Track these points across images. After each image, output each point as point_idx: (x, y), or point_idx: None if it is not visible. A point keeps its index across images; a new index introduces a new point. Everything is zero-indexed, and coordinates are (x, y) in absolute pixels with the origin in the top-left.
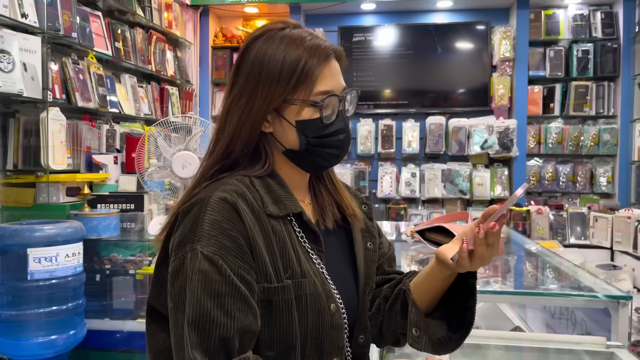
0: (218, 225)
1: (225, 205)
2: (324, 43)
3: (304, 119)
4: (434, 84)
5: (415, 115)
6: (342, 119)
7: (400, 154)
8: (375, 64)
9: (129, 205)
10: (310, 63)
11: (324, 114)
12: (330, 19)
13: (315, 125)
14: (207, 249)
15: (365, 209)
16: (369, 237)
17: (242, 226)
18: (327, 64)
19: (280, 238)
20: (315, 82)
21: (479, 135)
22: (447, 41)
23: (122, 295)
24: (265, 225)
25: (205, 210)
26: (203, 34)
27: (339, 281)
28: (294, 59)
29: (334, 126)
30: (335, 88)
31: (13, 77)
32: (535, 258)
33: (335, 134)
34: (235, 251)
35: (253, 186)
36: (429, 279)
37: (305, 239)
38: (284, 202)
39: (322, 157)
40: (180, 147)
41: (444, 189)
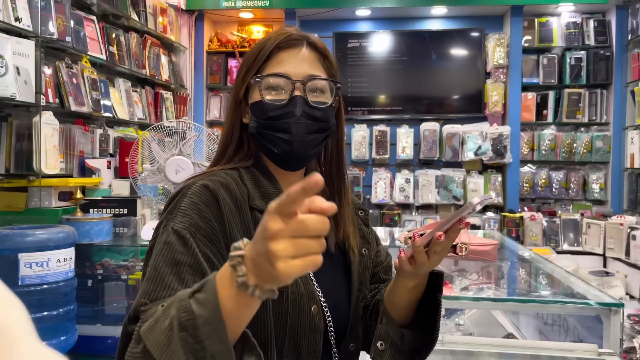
0: (195, 206)
1: (206, 191)
2: (292, 31)
3: (254, 101)
4: (429, 90)
5: (410, 121)
6: (298, 105)
7: (394, 160)
8: (370, 70)
9: (122, 210)
10: (267, 45)
11: (266, 97)
12: (325, 25)
13: (261, 106)
14: (178, 225)
15: (361, 214)
16: (365, 243)
17: (218, 213)
18: (289, 50)
19: None
20: (268, 63)
21: (472, 141)
22: (442, 48)
23: (114, 300)
24: (246, 217)
25: (185, 194)
26: (198, 39)
27: (327, 284)
28: (258, 45)
29: (284, 109)
30: (293, 73)
31: (6, 80)
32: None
33: (283, 116)
34: (206, 232)
35: (241, 180)
36: (393, 290)
37: None
38: (272, 197)
39: (272, 142)
40: (173, 152)
41: (438, 194)
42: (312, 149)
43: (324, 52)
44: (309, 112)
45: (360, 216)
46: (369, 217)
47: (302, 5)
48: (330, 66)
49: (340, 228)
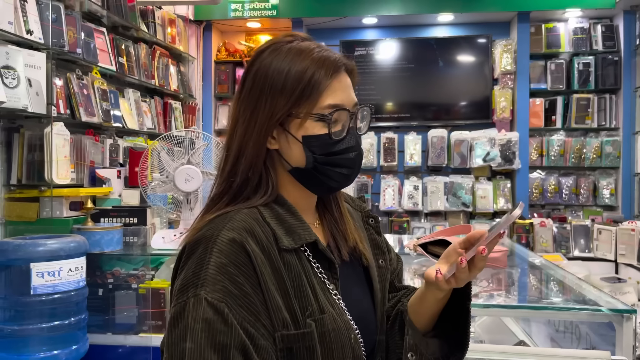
0: (224, 269)
1: (233, 246)
2: (333, 55)
3: (311, 134)
4: (436, 97)
5: (417, 128)
6: (353, 136)
7: (402, 167)
8: (377, 77)
9: (132, 219)
10: (317, 74)
11: (333, 129)
12: (332, 34)
13: (324, 141)
14: (211, 295)
15: (372, 222)
16: (380, 254)
17: (250, 271)
18: (336, 76)
19: (294, 273)
20: (322, 94)
21: (481, 148)
22: (449, 55)
23: (124, 309)
24: (277, 263)
25: (211, 251)
26: (206, 49)
27: (356, 308)
28: (300, 69)
29: (344, 143)
30: (346, 102)
31: (18, 92)
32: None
33: (346, 151)
34: (241, 300)
35: (263, 219)
36: (422, 300)
37: (320, 268)
38: (297, 231)
39: (330, 177)
40: (183, 161)
41: (447, 201)
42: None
43: (353, 71)
44: (359, 141)
45: (371, 224)
46: (379, 224)
47: (309, 14)
48: (355, 84)
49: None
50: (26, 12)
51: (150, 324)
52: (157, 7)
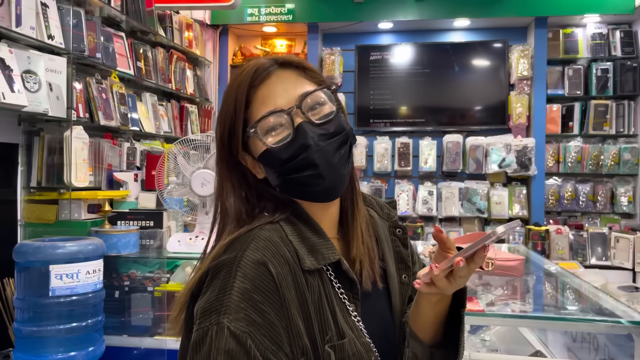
0: (248, 295)
1: (258, 270)
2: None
3: (260, 153)
4: (451, 102)
5: (432, 133)
6: (305, 132)
7: (417, 172)
8: (392, 82)
9: (148, 223)
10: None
11: (271, 139)
12: (348, 38)
13: (269, 154)
14: (234, 324)
15: (399, 233)
16: (404, 269)
17: (275, 296)
18: (265, 82)
19: (316, 296)
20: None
21: (496, 153)
22: (465, 60)
23: (140, 312)
24: (301, 287)
25: (235, 275)
26: (222, 53)
27: (376, 327)
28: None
29: (294, 145)
30: (281, 104)
31: (39, 96)
32: (555, 279)
33: (299, 153)
34: (264, 329)
35: (286, 237)
36: (418, 308)
37: (341, 288)
38: (320, 250)
39: (302, 183)
40: (199, 165)
41: (462, 207)
42: (345, 167)
43: (301, 65)
44: (321, 131)
45: (398, 235)
46: (407, 235)
47: (325, 19)
48: (314, 74)
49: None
50: (47, 18)
51: (165, 326)
52: (175, 12)
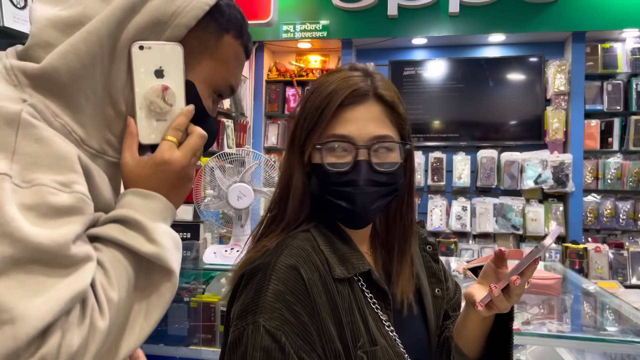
0: (282, 297)
1: (291, 273)
2: (361, 83)
3: (314, 162)
4: (485, 117)
5: (466, 148)
6: (360, 171)
7: (450, 187)
8: (426, 97)
9: (186, 234)
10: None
11: (330, 160)
12: (381, 54)
13: (320, 170)
14: (269, 322)
15: (429, 249)
16: (436, 283)
17: (307, 299)
18: (356, 106)
19: (347, 303)
20: (330, 123)
21: (532, 169)
22: (499, 75)
23: (176, 322)
24: (332, 293)
25: (269, 278)
26: (258, 69)
27: (409, 339)
28: (322, 96)
29: (345, 176)
30: (357, 135)
31: None
32: (593, 299)
33: (343, 184)
34: (298, 328)
35: (318, 246)
36: (465, 322)
37: (373, 298)
38: (350, 260)
39: (336, 208)
40: (235, 179)
41: (496, 223)
42: (376, 213)
43: (392, 104)
44: (374, 178)
45: (429, 251)
46: (437, 252)
47: (359, 35)
48: (399, 119)
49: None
50: None
51: (200, 337)
52: None
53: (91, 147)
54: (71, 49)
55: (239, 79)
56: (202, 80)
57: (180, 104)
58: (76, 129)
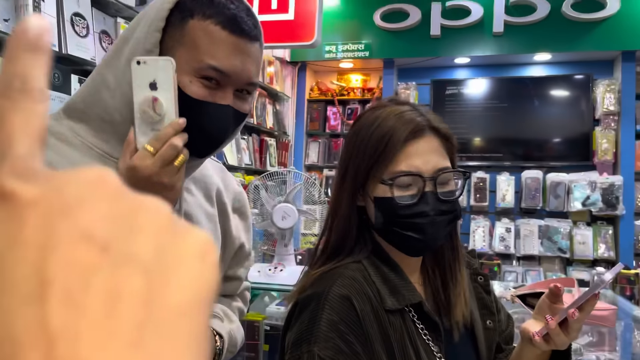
0: (335, 327)
1: (344, 303)
2: (417, 117)
3: (379, 196)
4: (530, 137)
5: (510, 168)
6: (429, 202)
7: (493, 208)
8: (468, 116)
9: None
10: (396, 137)
11: (400, 193)
12: (423, 73)
13: (389, 204)
14: (323, 352)
15: (480, 280)
16: (488, 315)
17: (360, 330)
18: (418, 140)
19: (399, 334)
20: (397, 158)
21: (579, 191)
22: (545, 94)
23: None
24: (384, 324)
25: (323, 307)
26: (300, 88)
27: None
28: (384, 131)
29: (414, 208)
30: (423, 168)
31: None
32: None
33: (415, 216)
34: (351, 358)
35: (369, 276)
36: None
37: (425, 329)
38: (401, 292)
39: (404, 240)
40: (280, 199)
41: (541, 245)
42: (442, 239)
43: (447, 136)
44: (441, 207)
45: (480, 282)
46: (489, 282)
47: (401, 55)
48: (452, 148)
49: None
50: None
51: (244, 354)
52: None
53: (117, 158)
54: (84, 84)
55: (221, 57)
56: (178, 70)
57: (171, 115)
58: (99, 145)
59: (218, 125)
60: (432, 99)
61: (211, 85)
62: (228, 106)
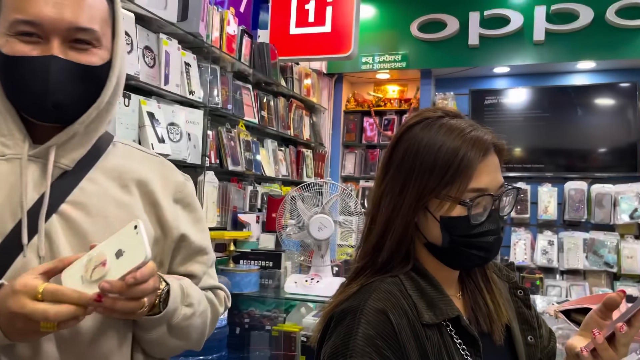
0: (372, 341)
1: (380, 317)
2: (484, 136)
3: (450, 216)
4: (573, 147)
5: (552, 179)
6: (494, 220)
7: (535, 220)
8: (508, 126)
9: (268, 263)
10: (467, 156)
11: (472, 213)
12: (461, 83)
13: (461, 223)
14: None
15: (520, 294)
16: (529, 330)
17: (396, 344)
18: (485, 158)
19: (436, 349)
20: (470, 178)
21: (627, 203)
22: (589, 103)
23: (257, 349)
24: (421, 339)
25: (359, 321)
26: (336, 99)
27: None
28: (451, 150)
29: (483, 227)
30: (490, 186)
31: (180, 146)
32: None
33: (484, 235)
34: None
35: (405, 290)
36: None
37: (463, 344)
38: (439, 306)
39: (467, 258)
40: (317, 210)
41: (586, 259)
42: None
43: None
44: (501, 224)
45: (520, 296)
46: (529, 297)
47: (439, 65)
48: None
49: (501, 313)
50: (189, 75)
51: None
52: (295, 64)
53: None
54: None
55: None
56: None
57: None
58: None
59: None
60: (470, 109)
61: (32, 40)
62: (50, 56)
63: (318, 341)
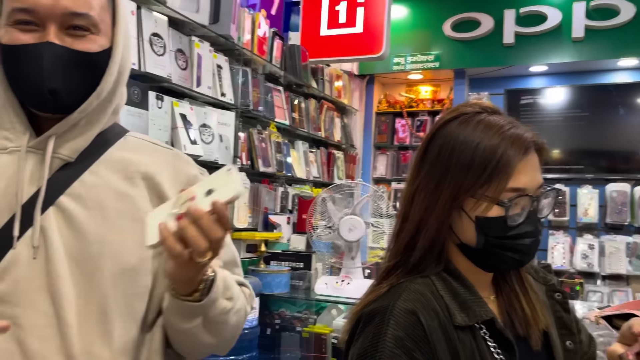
0: (401, 343)
1: (410, 319)
2: (524, 133)
3: (486, 216)
4: (615, 148)
5: (593, 181)
6: (533, 221)
7: (574, 223)
8: (546, 126)
9: (298, 264)
10: (506, 155)
11: (510, 214)
12: (496, 83)
13: (498, 224)
14: None
15: (558, 297)
16: (568, 335)
17: (427, 346)
18: (525, 157)
19: (469, 352)
20: (509, 177)
21: None
22: (631, 102)
23: (288, 350)
24: (452, 341)
25: (388, 322)
26: (368, 101)
27: None
28: (490, 147)
29: (521, 228)
30: (529, 186)
31: (212, 147)
32: None
33: (521, 237)
34: None
35: (437, 291)
36: None
37: (497, 348)
38: (472, 307)
39: (502, 260)
40: (347, 211)
41: (630, 264)
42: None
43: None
44: (539, 226)
45: (558, 299)
46: (568, 300)
47: (472, 64)
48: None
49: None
50: (221, 78)
51: None
52: (326, 65)
53: None
54: None
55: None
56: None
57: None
58: None
59: (36, 63)
60: (506, 109)
61: (30, 29)
62: (45, 43)
63: (346, 342)
